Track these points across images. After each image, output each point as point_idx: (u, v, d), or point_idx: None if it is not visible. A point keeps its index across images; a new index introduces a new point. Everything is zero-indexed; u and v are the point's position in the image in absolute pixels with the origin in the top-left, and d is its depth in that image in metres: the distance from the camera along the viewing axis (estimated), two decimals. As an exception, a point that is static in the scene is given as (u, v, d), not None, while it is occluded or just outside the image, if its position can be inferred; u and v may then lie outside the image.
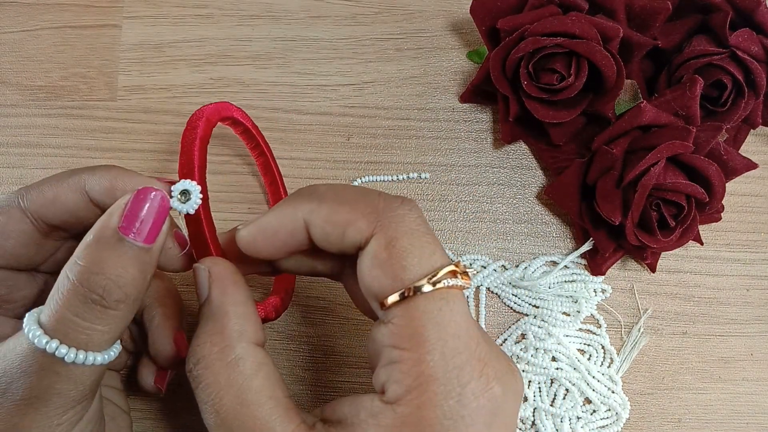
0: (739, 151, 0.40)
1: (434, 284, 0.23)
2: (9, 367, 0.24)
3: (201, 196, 0.27)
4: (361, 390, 0.39)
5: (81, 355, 0.24)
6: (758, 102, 0.39)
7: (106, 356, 0.25)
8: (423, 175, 0.41)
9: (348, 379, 0.39)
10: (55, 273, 0.30)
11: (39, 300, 0.30)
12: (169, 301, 0.31)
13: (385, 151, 0.42)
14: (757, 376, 0.40)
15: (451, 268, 0.23)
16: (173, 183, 0.27)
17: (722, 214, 0.39)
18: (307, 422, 0.24)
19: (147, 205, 0.25)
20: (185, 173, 0.27)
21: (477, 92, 0.41)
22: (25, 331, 0.24)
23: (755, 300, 0.40)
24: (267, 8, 0.44)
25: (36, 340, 0.23)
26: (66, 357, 0.23)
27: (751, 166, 0.38)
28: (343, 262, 0.28)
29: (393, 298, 0.23)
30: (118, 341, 0.26)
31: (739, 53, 0.37)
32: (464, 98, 0.42)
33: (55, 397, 0.24)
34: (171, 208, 0.26)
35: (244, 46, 0.43)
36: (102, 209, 0.27)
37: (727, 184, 0.37)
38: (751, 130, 0.41)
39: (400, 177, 0.41)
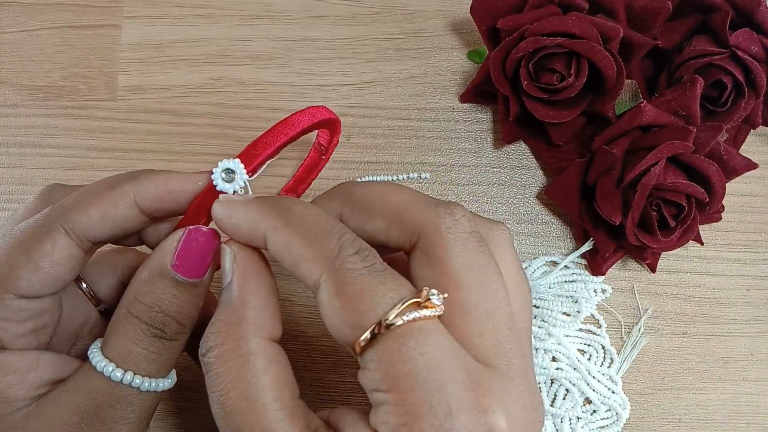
0: (739, 151, 0.40)
1: (393, 322, 0.22)
2: (82, 403, 0.25)
3: (246, 177, 0.27)
4: (361, 390, 0.39)
5: (153, 383, 0.26)
6: (758, 102, 0.39)
7: (169, 381, 0.27)
8: (423, 175, 0.41)
9: (348, 379, 0.39)
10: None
11: (66, 317, 0.29)
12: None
13: (385, 151, 0.42)
14: (757, 376, 0.40)
15: (413, 300, 0.22)
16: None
17: (722, 214, 0.39)
18: (311, 427, 0.23)
19: (197, 243, 0.26)
20: (251, 155, 0.27)
21: (477, 92, 0.41)
22: (97, 367, 0.26)
23: (755, 300, 0.40)
24: (267, 8, 0.44)
25: (111, 375, 0.25)
26: (141, 386, 0.26)
27: (751, 166, 0.38)
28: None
29: (362, 343, 0.22)
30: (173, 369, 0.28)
31: (739, 53, 0.37)
32: (464, 98, 0.42)
33: (125, 427, 0.26)
34: (215, 185, 0.26)
35: (244, 46, 0.43)
36: (153, 217, 0.27)
37: (727, 184, 0.37)
38: (751, 130, 0.41)
39: (400, 177, 0.41)
